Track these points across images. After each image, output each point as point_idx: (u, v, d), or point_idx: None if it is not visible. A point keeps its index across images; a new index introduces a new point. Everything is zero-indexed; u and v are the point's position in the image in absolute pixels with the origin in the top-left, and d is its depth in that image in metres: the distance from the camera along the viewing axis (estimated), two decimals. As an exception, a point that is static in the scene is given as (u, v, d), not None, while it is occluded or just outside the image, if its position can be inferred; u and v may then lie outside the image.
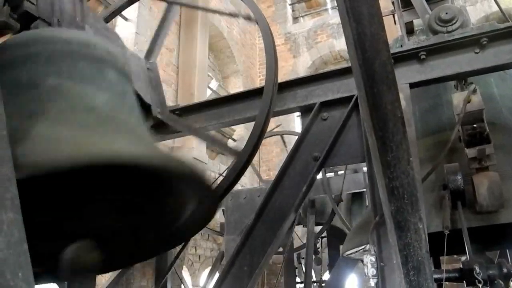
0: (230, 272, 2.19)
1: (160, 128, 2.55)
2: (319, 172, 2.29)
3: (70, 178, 1.09)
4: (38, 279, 1.23)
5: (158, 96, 2.53)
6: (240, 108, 2.53)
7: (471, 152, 2.07)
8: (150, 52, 2.66)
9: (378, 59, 0.88)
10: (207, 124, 2.63)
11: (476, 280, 1.75)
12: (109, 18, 2.62)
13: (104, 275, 5.78)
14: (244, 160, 2.14)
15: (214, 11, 6.79)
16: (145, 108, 2.43)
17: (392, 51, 2.16)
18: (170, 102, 7.36)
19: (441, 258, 2.94)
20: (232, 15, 3.06)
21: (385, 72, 0.88)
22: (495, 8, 8.42)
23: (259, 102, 2.24)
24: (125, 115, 1.44)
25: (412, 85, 2.09)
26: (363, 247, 2.60)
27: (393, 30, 5.44)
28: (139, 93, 2.37)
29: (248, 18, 2.28)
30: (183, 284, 6.75)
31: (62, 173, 0.97)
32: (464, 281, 1.87)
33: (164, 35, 2.71)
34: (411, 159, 0.96)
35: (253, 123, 2.18)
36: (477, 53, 2.03)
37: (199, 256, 8.45)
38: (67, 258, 1.23)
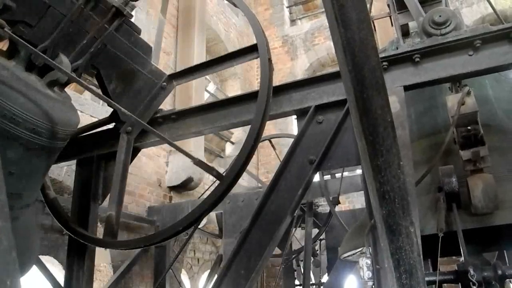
0: (227, 275, 2.19)
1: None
2: (315, 175, 2.29)
3: None
4: None
5: (144, 116, 2.56)
6: (236, 111, 2.53)
7: (465, 154, 2.07)
8: (180, 75, 2.70)
9: (367, 65, 0.88)
10: (204, 128, 2.63)
11: (471, 282, 1.75)
12: None
13: (101, 279, 5.77)
14: (241, 163, 2.15)
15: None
16: (121, 122, 2.51)
17: (387, 53, 2.18)
18: (168, 105, 7.36)
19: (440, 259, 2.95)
20: None
21: (375, 77, 0.89)
22: (491, 9, 8.45)
23: (255, 106, 2.25)
24: None
25: (407, 88, 2.09)
26: (359, 249, 2.60)
27: (390, 32, 5.45)
28: (118, 112, 2.36)
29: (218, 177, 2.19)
30: (182, 288, 6.74)
31: None
32: (460, 283, 1.87)
33: (205, 74, 2.74)
34: (401, 163, 0.96)
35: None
36: (470, 55, 2.03)
37: (198, 260, 8.44)
38: None
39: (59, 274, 4.66)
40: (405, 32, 3.20)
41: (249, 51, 2.40)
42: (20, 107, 1.65)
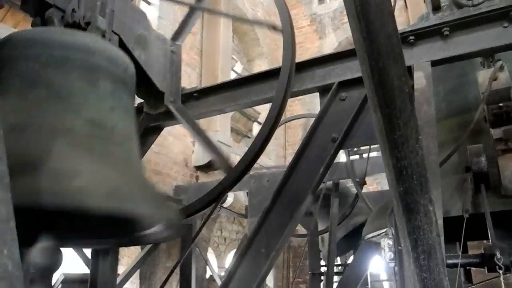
0: (247, 253, 2.19)
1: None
2: (337, 154, 2.24)
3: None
4: None
5: (174, 83, 2.54)
6: (258, 89, 2.49)
7: (496, 132, 1.97)
8: (177, 34, 2.66)
9: (383, 31, 0.82)
10: (225, 106, 2.61)
11: (497, 266, 1.68)
12: None
13: (130, 256, 5.92)
14: (262, 139, 2.12)
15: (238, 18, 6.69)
16: (158, 95, 2.45)
17: (413, 27, 2.08)
18: (194, 85, 7.37)
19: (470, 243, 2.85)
20: (257, 22, 2.94)
21: (391, 44, 0.83)
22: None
23: (277, 83, 2.20)
24: (114, 136, 1.50)
25: (434, 63, 1.99)
26: (383, 230, 2.55)
27: (422, 8, 5.22)
28: (154, 81, 2.38)
29: (273, 28, 2.26)
30: (208, 266, 6.86)
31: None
32: (485, 267, 1.80)
33: (196, 18, 2.70)
34: (420, 137, 0.91)
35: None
36: (505, 27, 1.91)
37: (225, 239, 8.55)
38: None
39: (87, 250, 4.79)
40: (436, 6, 3.04)
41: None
42: (89, 41, 1.65)
